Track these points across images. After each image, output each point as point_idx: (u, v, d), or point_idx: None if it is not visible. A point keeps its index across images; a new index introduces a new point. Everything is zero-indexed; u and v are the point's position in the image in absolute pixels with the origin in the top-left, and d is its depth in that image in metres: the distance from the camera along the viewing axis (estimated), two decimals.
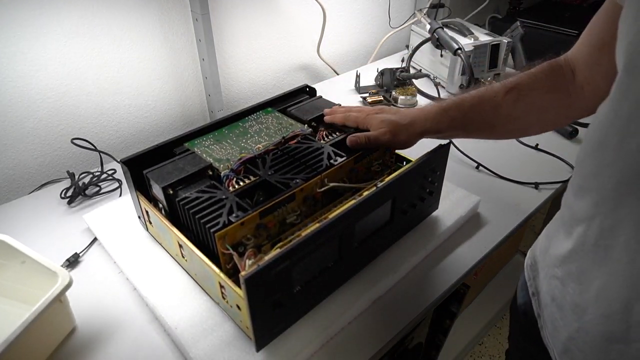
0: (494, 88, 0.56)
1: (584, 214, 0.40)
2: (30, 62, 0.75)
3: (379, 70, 1.08)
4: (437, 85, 1.11)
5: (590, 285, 0.40)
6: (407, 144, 0.60)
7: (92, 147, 0.78)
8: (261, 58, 1.08)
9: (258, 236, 0.51)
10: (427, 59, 1.17)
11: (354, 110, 0.64)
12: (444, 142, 0.63)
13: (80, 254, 0.65)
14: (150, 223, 0.62)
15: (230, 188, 0.54)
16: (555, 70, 0.54)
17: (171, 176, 0.56)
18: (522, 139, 0.89)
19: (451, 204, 0.69)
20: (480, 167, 0.82)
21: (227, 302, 0.50)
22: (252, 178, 0.56)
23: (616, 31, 0.38)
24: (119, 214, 0.69)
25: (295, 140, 0.63)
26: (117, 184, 0.79)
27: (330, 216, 0.49)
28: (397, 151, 0.66)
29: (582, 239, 0.41)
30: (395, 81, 1.05)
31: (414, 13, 1.26)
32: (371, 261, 0.60)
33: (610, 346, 0.39)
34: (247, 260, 0.47)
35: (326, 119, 0.66)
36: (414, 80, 1.07)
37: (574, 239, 0.42)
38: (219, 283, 0.49)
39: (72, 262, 0.63)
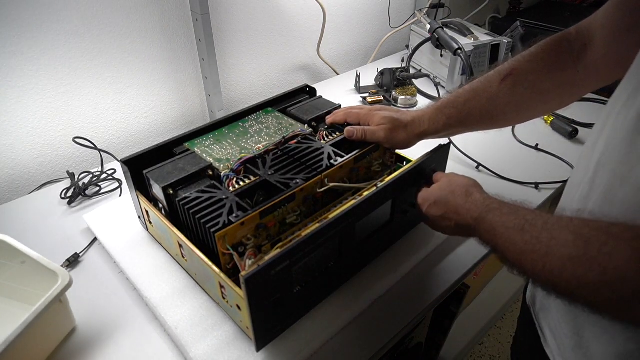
0: (489, 78, 0.55)
1: (576, 180, 0.42)
2: (30, 62, 0.75)
3: (379, 70, 1.08)
4: (437, 85, 1.11)
5: None
6: (406, 144, 0.60)
7: (93, 146, 0.78)
8: (261, 58, 1.08)
9: (258, 236, 0.51)
10: (427, 59, 1.17)
11: (356, 108, 0.64)
12: (444, 142, 0.62)
13: (80, 254, 0.65)
14: (151, 223, 0.62)
15: (231, 188, 0.54)
16: (560, 46, 0.52)
17: (171, 176, 0.56)
18: (522, 139, 0.89)
19: None
20: (480, 167, 0.82)
21: (227, 302, 0.50)
22: (252, 178, 0.56)
23: None
24: (119, 214, 0.69)
25: (295, 140, 0.63)
26: (117, 184, 0.79)
27: (331, 216, 0.49)
28: (397, 151, 0.66)
29: (569, 203, 0.43)
30: (395, 81, 1.05)
31: (414, 13, 1.26)
32: (371, 261, 0.60)
33: (569, 313, 0.42)
34: (247, 260, 0.47)
35: (328, 121, 0.66)
36: (414, 80, 1.07)
37: (567, 202, 0.44)
38: (219, 283, 0.49)
39: (72, 262, 0.63)
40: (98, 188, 0.78)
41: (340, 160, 0.58)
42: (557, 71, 0.52)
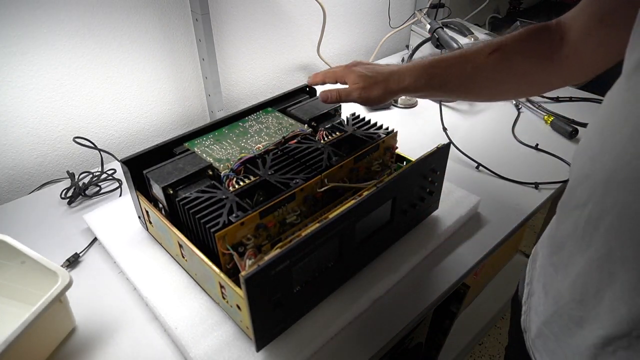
0: (479, 48, 0.56)
1: (580, 200, 0.39)
2: (30, 62, 0.75)
3: None
4: None
5: (572, 271, 0.41)
6: (381, 100, 0.59)
7: (93, 146, 0.78)
8: (261, 58, 1.08)
9: (258, 236, 0.51)
10: None
11: (335, 67, 0.64)
12: (444, 142, 0.62)
13: (80, 254, 0.65)
14: (151, 223, 0.62)
15: (230, 188, 0.54)
16: (542, 34, 0.53)
17: (171, 176, 0.56)
18: (522, 139, 0.89)
19: (451, 204, 0.69)
20: (480, 167, 0.82)
21: (227, 302, 0.50)
22: (252, 178, 0.56)
23: (618, 6, 0.37)
24: (119, 214, 0.69)
25: (295, 140, 0.63)
26: (117, 184, 0.79)
27: (330, 216, 0.49)
28: (397, 151, 0.66)
29: (574, 225, 0.40)
30: None
31: (414, 13, 1.26)
32: (371, 261, 0.60)
33: (581, 332, 0.40)
34: (247, 260, 0.47)
35: (308, 81, 0.66)
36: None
37: (569, 225, 0.42)
38: (219, 283, 0.49)
39: (72, 262, 0.63)
40: (98, 188, 0.78)
41: (340, 160, 0.58)
42: (537, 57, 0.53)
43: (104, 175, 0.80)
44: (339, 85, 0.61)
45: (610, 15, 0.45)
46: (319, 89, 0.66)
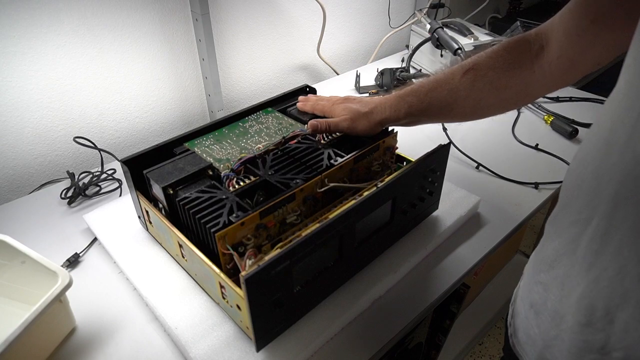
0: (453, 70, 0.56)
1: (579, 216, 0.38)
2: (31, 62, 0.75)
3: (379, 70, 1.08)
4: None
5: (573, 291, 0.39)
6: (369, 131, 0.61)
7: (93, 146, 0.78)
8: (261, 58, 1.08)
9: (258, 236, 0.51)
10: (427, 59, 1.17)
11: (324, 100, 0.67)
12: (444, 142, 0.62)
13: (80, 254, 0.65)
14: (151, 223, 0.62)
15: (231, 188, 0.54)
16: (520, 45, 0.53)
17: (171, 176, 0.56)
18: (522, 139, 0.89)
19: (451, 204, 0.69)
20: (480, 167, 0.82)
21: (227, 302, 0.50)
22: (252, 178, 0.56)
23: (616, 5, 0.37)
24: (119, 214, 0.69)
25: (295, 140, 0.63)
26: (117, 184, 0.79)
27: (331, 216, 0.49)
28: (397, 151, 0.66)
29: (574, 243, 0.38)
30: (395, 81, 1.05)
31: (414, 13, 1.26)
32: (371, 261, 0.60)
33: (587, 355, 0.38)
34: (247, 260, 0.47)
35: (299, 105, 0.69)
36: (413, 80, 1.07)
37: (566, 242, 0.40)
38: (219, 283, 0.49)
39: (72, 262, 0.63)
40: (98, 188, 0.78)
41: (340, 160, 0.58)
42: (515, 70, 0.53)
43: (104, 175, 0.80)
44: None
45: (603, 17, 0.45)
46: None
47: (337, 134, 0.64)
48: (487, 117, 0.58)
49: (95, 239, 0.67)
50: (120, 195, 0.77)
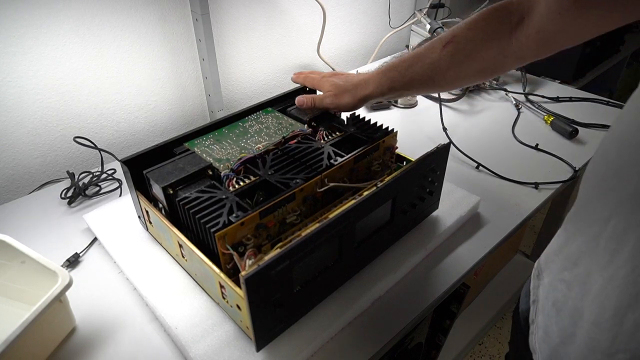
0: (433, 43, 0.57)
1: (600, 214, 0.37)
2: (30, 62, 0.75)
3: None
4: None
5: (591, 289, 0.38)
6: (353, 107, 0.64)
7: (93, 146, 0.78)
8: (261, 58, 1.08)
9: (258, 236, 0.51)
10: None
11: (315, 73, 0.70)
12: (444, 141, 0.62)
13: (80, 254, 0.65)
14: (150, 223, 0.62)
15: (230, 188, 0.54)
16: (499, 14, 0.53)
17: (171, 176, 0.56)
18: (522, 139, 0.89)
19: (451, 204, 0.69)
20: (480, 167, 0.82)
21: (227, 302, 0.50)
22: (252, 178, 0.56)
23: None
24: (119, 214, 0.69)
25: (295, 140, 0.63)
26: (117, 184, 0.79)
27: (330, 216, 0.49)
28: (397, 151, 0.66)
29: (595, 241, 0.38)
30: None
31: (414, 13, 1.26)
32: (371, 261, 0.60)
33: (593, 356, 0.38)
34: (247, 260, 0.47)
35: (292, 78, 0.73)
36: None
37: (587, 240, 0.40)
38: (219, 283, 0.49)
39: (72, 262, 0.63)
40: (98, 188, 0.78)
41: (340, 160, 0.58)
42: (493, 41, 0.53)
43: (104, 175, 0.80)
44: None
45: None
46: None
47: (337, 133, 0.64)
48: (465, 86, 0.60)
49: (95, 239, 0.67)
50: (120, 195, 0.77)
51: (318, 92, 0.70)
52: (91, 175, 0.79)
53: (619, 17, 0.44)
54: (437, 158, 0.60)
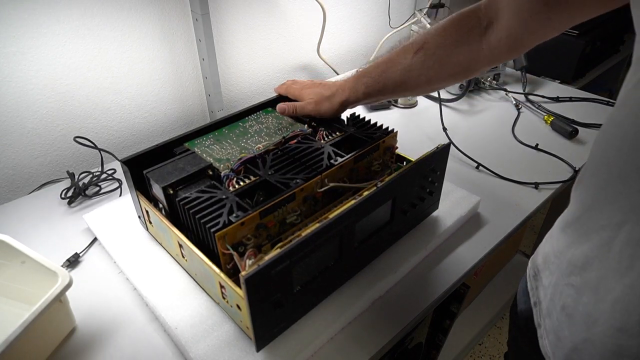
0: (405, 48, 0.58)
1: (611, 220, 0.37)
2: (30, 62, 0.75)
3: None
4: None
5: (607, 295, 0.38)
6: (332, 113, 0.65)
7: (93, 146, 0.78)
8: (261, 58, 1.08)
9: (258, 236, 0.51)
10: None
11: (297, 84, 0.71)
12: (444, 142, 0.63)
13: (80, 254, 0.65)
14: (151, 223, 0.62)
15: (231, 188, 0.54)
16: (468, 21, 0.54)
17: (171, 176, 0.56)
18: (522, 139, 0.89)
19: (451, 204, 0.69)
20: (480, 167, 0.82)
21: (227, 302, 0.50)
22: (252, 178, 0.56)
23: None
24: (119, 214, 0.69)
25: (295, 140, 0.63)
26: (117, 184, 0.79)
27: (330, 216, 0.49)
28: (397, 151, 0.66)
29: (606, 246, 0.37)
30: None
31: (414, 13, 1.26)
32: (371, 261, 0.60)
33: None
34: (247, 260, 0.47)
35: (275, 89, 0.74)
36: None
37: (596, 246, 0.39)
38: (219, 283, 0.49)
39: (72, 262, 0.63)
40: (98, 188, 0.78)
41: (340, 160, 0.58)
42: (463, 46, 0.54)
43: (104, 175, 0.80)
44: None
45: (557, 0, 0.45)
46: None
47: (337, 133, 0.64)
48: (438, 89, 0.61)
49: (95, 239, 0.67)
50: (120, 195, 0.77)
51: None
52: (91, 175, 0.79)
53: (590, 11, 0.45)
54: (437, 158, 0.60)
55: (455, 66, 0.56)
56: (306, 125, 0.67)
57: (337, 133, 0.64)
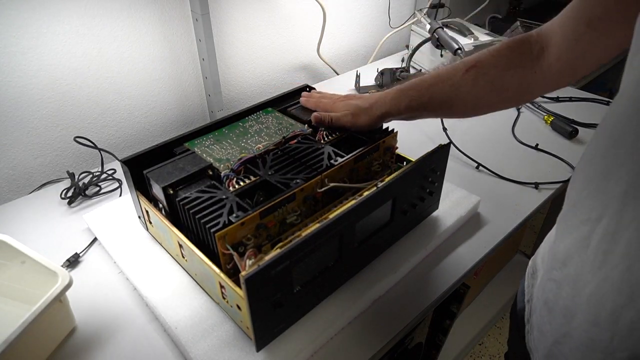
0: (455, 66, 0.56)
1: (589, 215, 0.38)
2: (30, 62, 0.75)
3: (379, 70, 1.08)
4: None
5: (583, 289, 0.39)
6: (370, 126, 0.62)
7: (94, 146, 0.78)
8: (261, 58, 1.08)
9: (258, 236, 0.51)
10: (427, 59, 1.17)
11: (326, 97, 0.68)
12: (444, 142, 0.62)
13: (80, 254, 0.65)
14: (151, 223, 0.62)
15: (231, 188, 0.54)
16: (521, 46, 0.53)
17: (171, 176, 0.56)
18: (522, 139, 0.89)
19: (451, 204, 0.69)
20: (480, 167, 0.82)
21: (227, 302, 0.50)
22: (252, 178, 0.56)
23: (611, 8, 0.37)
24: (119, 214, 0.69)
25: (295, 140, 0.63)
26: (117, 184, 0.79)
27: (331, 216, 0.49)
28: (397, 151, 0.66)
29: (585, 241, 0.38)
30: (395, 81, 1.05)
31: (414, 13, 1.26)
32: (371, 261, 0.60)
33: (592, 354, 0.38)
34: (247, 260, 0.47)
35: (302, 100, 0.70)
36: (412, 72, 1.07)
37: (576, 241, 0.40)
38: (219, 283, 0.49)
39: (72, 262, 0.63)
40: (98, 188, 0.78)
41: (340, 160, 0.58)
42: (517, 69, 0.53)
43: (104, 175, 0.80)
44: None
45: (599, 20, 0.45)
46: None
47: (337, 133, 0.64)
48: (486, 113, 0.59)
49: (95, 239, 0.67)
50: (120, 195, 0.77)
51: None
52: (91, 175, 0.79)
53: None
54: (437, 158, 0.60)
55: (508, 89, 0.54)
56: (306, 125, 0.67)
57: (337, 133, 0.64)
